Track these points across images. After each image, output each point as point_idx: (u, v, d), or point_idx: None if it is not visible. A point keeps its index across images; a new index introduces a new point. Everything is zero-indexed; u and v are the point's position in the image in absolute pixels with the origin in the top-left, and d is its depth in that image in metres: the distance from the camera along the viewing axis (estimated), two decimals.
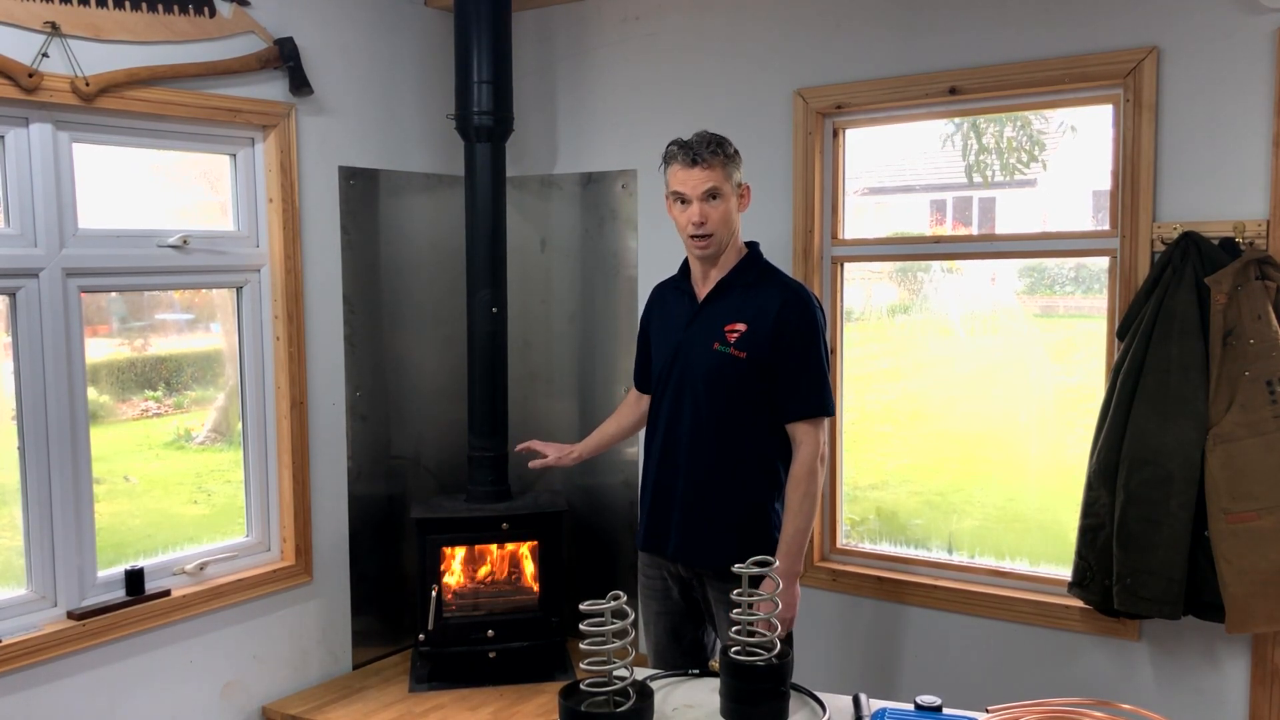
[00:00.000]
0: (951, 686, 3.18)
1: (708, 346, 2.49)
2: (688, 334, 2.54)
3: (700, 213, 2.44)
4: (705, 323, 2.51)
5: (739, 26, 3.49)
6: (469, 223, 3.61)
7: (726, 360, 2.46)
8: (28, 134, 2.78)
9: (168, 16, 3.00)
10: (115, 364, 3.16)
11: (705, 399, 2.50)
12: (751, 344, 2.44)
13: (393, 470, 3.81)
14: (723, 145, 2.46)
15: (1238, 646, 2.83)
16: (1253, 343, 2.61)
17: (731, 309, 2.49)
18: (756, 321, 2.45)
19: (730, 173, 2.46)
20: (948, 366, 3.51)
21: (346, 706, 3.39)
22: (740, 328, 2.46)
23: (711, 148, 2.43)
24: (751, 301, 2.48)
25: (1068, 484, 3.06)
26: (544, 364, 4.05)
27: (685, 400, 2.53)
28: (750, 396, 2.47)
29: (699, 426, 2.51)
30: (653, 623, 2.69)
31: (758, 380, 2.46)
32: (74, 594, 2.92)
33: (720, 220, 2.45)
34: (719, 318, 2.50)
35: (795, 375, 2.46)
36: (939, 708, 1.77)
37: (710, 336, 2.49)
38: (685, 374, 2.53)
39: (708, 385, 2.49)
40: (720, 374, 2.47)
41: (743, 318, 2.47)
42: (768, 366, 2.45)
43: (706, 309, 2.53)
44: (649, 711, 1.68)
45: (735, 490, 2.50)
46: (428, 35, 3.83)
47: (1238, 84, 2.73)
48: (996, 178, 3.31)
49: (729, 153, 2.46)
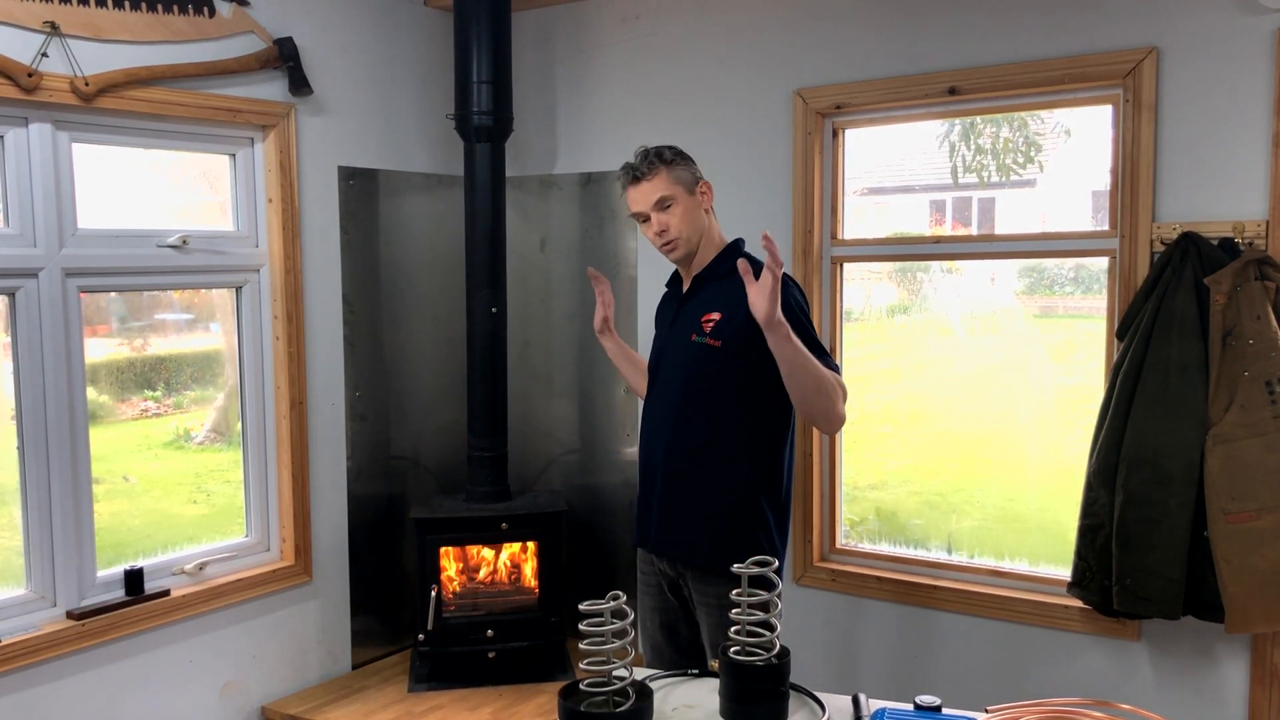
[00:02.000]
0: (951, 686, 3.18)
1: (686, 340, 2.48)
2: (671, 331, 2.56)
3: (658, 223, 2.46)
4: (685, 318, 2.52)
5: (739, 27, 3.50)
6: (468, 223, 3.61)
7: (702, 350, 2.44)
8: (27, 134, 2.78)
9: (167, 16, 3.00)
10: (115, 364, 3.16)
11: (682, 391, 2.48)
12: (726, 332, 2.41)
13: (392, 470, 3.81)
14: (660, 154, 2.47)
15: (1237, 646, 2.84)
16: (1252, 343, 2.61)
17: (707, 300, 2.48)
18: (730, 309, 2.40)
19: (677, 175, 2.46)
20: (947, 367, 3.51)
21: (346, 706, 3.39)
22: (715, 317, 2.44)
23: (649, 160, 2.46)
24: (726, 291, 2.43)
25: (1067, 484, 3.06)
26: (543, 364, 4.05)
27: (666, 395, 2.53)
28: (727, 386, 2.43)
29: (677, 420, 2.49)
30: (648, 619, 2.67)
31: (735, 368, 2.41)
32: (73, 594, 2.92)
33: (680, 223, 2.46)
34: (696, 311, 2.49)
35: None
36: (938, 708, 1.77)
37: (689, 330, 2.48)
38: (667, 370, 2.54)
39: (685, 377, 2.48)
40: (696, 365, 2.45)
41: (716, 307, 2.45)
42: (745, 352, 2.38)
43: (686, 305, 2.54)
44: (648, 712, 1.68)
45: (713, 484, 2.46)
46: (427, 35, 3.83)
47: (1237, 84, 2.73)
48: (992, 179, 3.32)
49: (667, 158, 2.46)
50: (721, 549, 2.35)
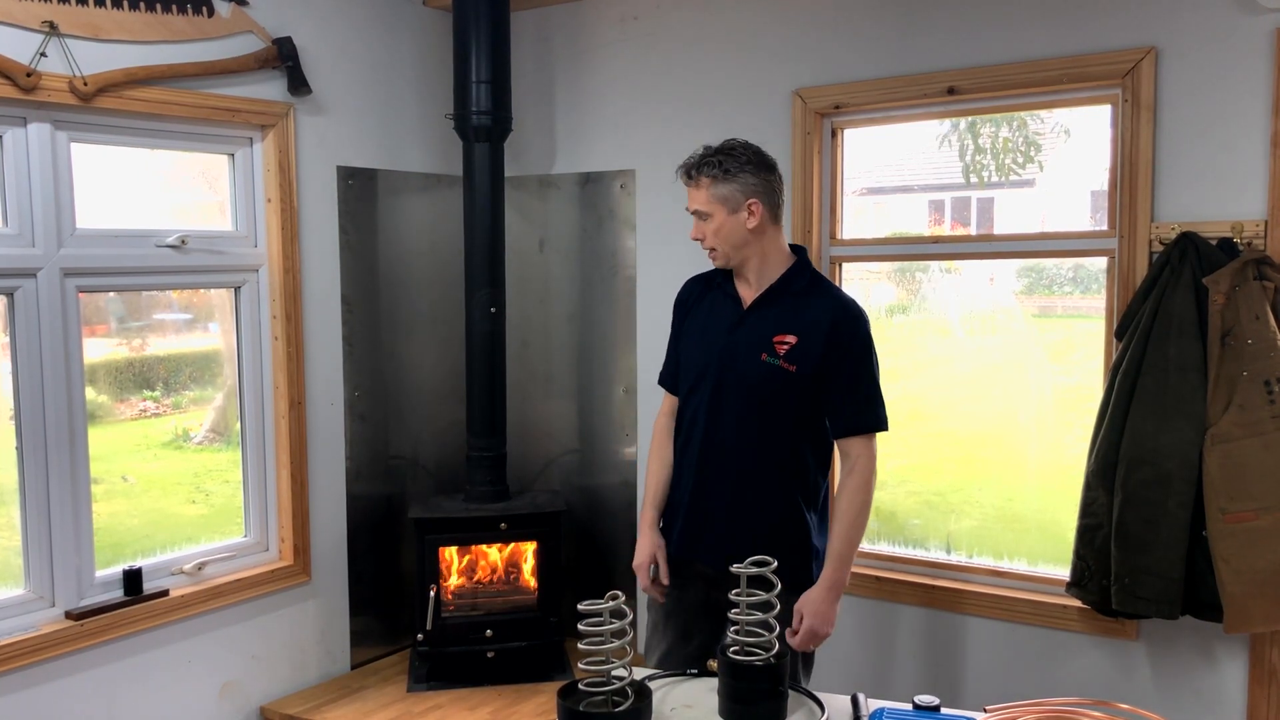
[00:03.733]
0: (949, 686, 3.18)
1: (755, 356, 2.42)
2: (732, 338, 2.47)
3: (697, 230, 2.45)
4: (752, 330, 2.45)
5: (738, 26, 3.49)
6: (467, 223, 3.61)
7: (776, 372, 2.40)
8: (26, 134, 2.78)
9: (166, 16, 3.00)
10: (113, 364, 3.16)
11: (751, 408, 2.44)
12: (802, 358, 2.39)
13: (391, 470, 3.81)
14: (714, 163, 2.39)
15: (1235, 646, 2.84)
16: (1251, 343, 2.61)
17: (781, 319, 2.43)
18: (807, 335, 2.39)
19: (719, 193, 2.39)
20: (946, 367, 3.51)
21: (345, 706, 3.39)
22: (790, 340, 2.40)
23: (702, 164, 2.41)
24: (802, 313, 2.42)
25: (1066, 484, 3.06)
26: (542, 364, 4.05)
27: (727, 407, 2.46)
28: (795, 408, 2.43)
29: (744, 435, 2.45)
30: (663, 623, 2.62)
31: (804, 394, 2.41)
32: (72, 594, 2.92)
33: (716, 237, 2.42)
34: (767, 327, 2.43)
35: (850, 390, 2.41)
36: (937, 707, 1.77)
37: (759, 345, 2.42)
38: (729, 380, 2.46)
39: (754, 395, 2.43)
40: (768, 385, 2.41)
41: (793, 330, 2.41)
42: (816, 380, 2.40)
43: (753, 315, 2.46)
44: (647, 711, 1.68)
45: (776, 498, 2.46)
46: (426, 35, 3.83)
47: (1236, 84, 2.73)
48: (992, 179, 3.32)
49: (718, 172, 2.39)
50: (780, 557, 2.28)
